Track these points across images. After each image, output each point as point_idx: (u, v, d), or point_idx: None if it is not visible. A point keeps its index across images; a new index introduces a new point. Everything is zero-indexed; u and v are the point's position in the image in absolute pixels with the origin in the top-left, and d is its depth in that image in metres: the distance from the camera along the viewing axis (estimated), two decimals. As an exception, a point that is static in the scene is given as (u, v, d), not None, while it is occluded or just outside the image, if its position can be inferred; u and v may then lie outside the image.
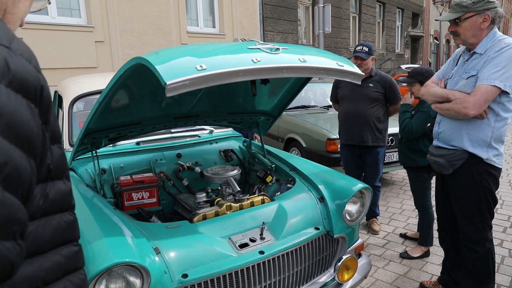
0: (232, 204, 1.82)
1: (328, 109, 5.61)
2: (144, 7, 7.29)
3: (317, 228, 1.85)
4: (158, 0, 7.52)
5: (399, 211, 3.97)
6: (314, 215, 1.89)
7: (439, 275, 2.50)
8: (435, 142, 2.14)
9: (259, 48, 1.32)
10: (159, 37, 7.49)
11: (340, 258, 1.85)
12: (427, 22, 21.67)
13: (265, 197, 1.93)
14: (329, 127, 4.61)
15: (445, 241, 2.37)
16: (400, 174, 5.42)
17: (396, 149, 4.49)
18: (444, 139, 2.05)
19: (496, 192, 2.04)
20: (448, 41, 25.56)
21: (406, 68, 13.98)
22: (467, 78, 1.92)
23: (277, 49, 1.35)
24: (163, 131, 2.59)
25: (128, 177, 2.14)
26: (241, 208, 1.84)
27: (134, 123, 2.00)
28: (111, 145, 2.34)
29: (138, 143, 2.43)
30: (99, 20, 6.68)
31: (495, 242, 3.11)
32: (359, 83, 1.61)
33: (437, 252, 2.96)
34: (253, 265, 1.59)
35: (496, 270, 2.71)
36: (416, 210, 3.89)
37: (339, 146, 4.19)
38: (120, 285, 1.31)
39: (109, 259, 1.27)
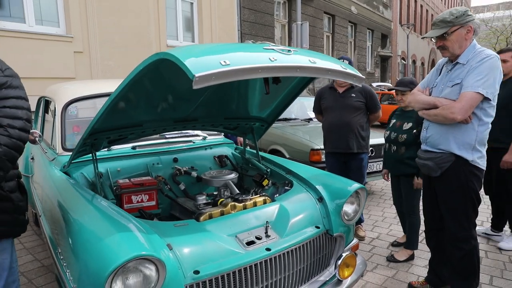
0: (236, 204, 1.85)
1: (309, 122, 5.76)
2: (125, 19, 7.28)
3: (317, 227, 1.91)
4: (138, 13, 7.53)
5: (381, 219, 4.10)
6: (314, 215, 1.96)
7: (426, 275, 2.61)
8: (423, 146, 2.28)
9: (273, 49, 1.40)
10: (139, 50, 7.46)
11: (340, 256, 1.91)
12: (395, 43, 22.81)
13: (266, 198, 1.98)
14: (312, 138, 4.74)
15: (432, 241, 2.49)
16: (379, 184, 5.62)
17: (378, 159, 4.69)
18: (432, 143, 2.19)
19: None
20: (414, 62, 26.94)
21: (377, 86, 14.61)
22: (452, 86, 2.08)
23: (289, 50, 1.44)
24: (158, 136, 2.60)
25: (127, 180, 2.13)
26: (244, 207, 1.87)
27: (136, 125, 2.01)
28: (106, 149, 2.33)
29: (134, 148, 2.42)
30: (78, 31, 6.59)
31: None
32: (360, 85, 1.71)
33: (421, 255, 3.09)
34: (261, 262, 1.61)
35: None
36: (397, 217, 4.07)
37: (322, 156, 4.33)
38: (138, 279, 1.30)
39: (125, 253, 1.26)
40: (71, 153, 2.29)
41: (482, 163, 2.12)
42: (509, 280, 2.74)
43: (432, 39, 2.19)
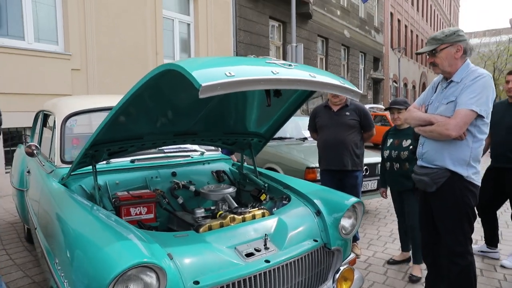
0: (236, 216, 1.87)
1: (303, 141, 5.82)
2: (122, 38, 7.40)
3: (315, 240, 1.92)
4: (136, 32, 7.66)
5: (376, 237, 4.11)
6: (312, 228, 1.97)
7: (422, 292, 2.61)
8: (419, 162, 2.33)
9: (275, 63, 1.45)
10: (135, 68, 7.56)
11: (338, 269, 1.92)
12: (387, 66, 23.36)
13: (265, 211, 1.99)
14: (307, 156, 4.78)
15: (428, 257, 2.50)
16: (373, 203, 5.64)
17: (372, 178, 4.74)
18: (428, 159, 2.24)
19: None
20: (405, 85, 27.51)
21: (370, 108, 14.85)
22: (447, 104, 2.15)
23: (290, 65, 1.50)
24: (156, 150, 2.62)
25: (126, 192, 2.14)
26: (243, 220, 1.88)
27: (137, 138, 2.04)
28: (105, 161, 2.34)
29: (132, 161, 2.43)
30: (77, 48, 6.68)
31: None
32: (357, 100, 1.77)
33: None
34: (260, 273, 1.62)
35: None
36: (393, 236, 4.08)
37: (318, 174, 4.36)
38: (138, 287, 1.30)
39: (126, 260, 1.26)
40: (69, 165, 2.30)
41: (477, 179, 2.17)
42: (505, 297, 2.75)
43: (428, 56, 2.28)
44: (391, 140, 3.16)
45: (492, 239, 3.47)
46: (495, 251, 3.46)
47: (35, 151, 2.56)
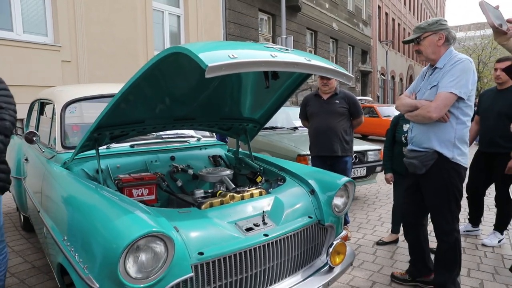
0: (235, 194, 1.97)
1: (294, 130, 5.95)
2: (113, 30, 7.38)
3: (310, 217, 2.04)
4: (126, 24, 7.64)
5: (366, 221, 4.27)
6: (307, 206, 2.09)
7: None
8: (409, 146, 2.47)
9: (273, 47, 1.55)
10: (126, 61, 7.56)
11: (332, 244, 2.04)
12: (375, 59, 23.62)
13: (262, 190, 2.10)
14: (298, 144, 4.90)
15: (409, 234, 2.66)
16: (362, 190, 5.82)
17: (361, 165, 4.90)
18: (417, 142, 2.37)
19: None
20: (393, 77, 27.84)
21: (358, 100, 15.03)
22: (430, 88, 2.29)
23: (287, 49, 1.59)
24: (155, 136, 2.70)
25: (127, 175, 2.22)
26: (242, 198, 1.99)
27: (138, 122, 2.12)
28: (105, 146, 2.41)
29: (132, 146, 2.51)
30: (66, 40, 6.65)
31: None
32: (349, 84, 1.88)
33: (404, 252, 3.25)
34: (259, 246, 1.73)
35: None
36: (381, 220, 4.25)
37: (309, 162, 4.50)
38: (149, 256, 1.39)
39: (137, 230, 1.35)
40: (70, 151, 2.37)
41: (464, 161, 2.31)
42: (485, 272, 2.93)
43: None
44: (407, 125, 3.14)
45: (476, 219, 3.68)
46: (477, 229, 3.71)
47: (34, 138, 2.61)
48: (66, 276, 2.00)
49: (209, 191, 2.38)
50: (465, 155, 2.31)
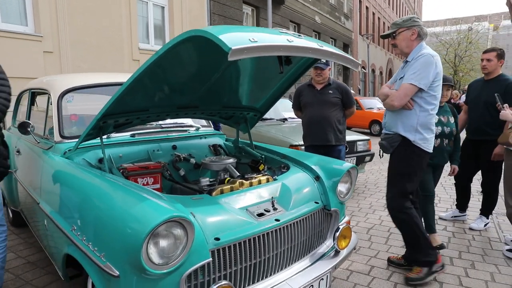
0: (244, 181, 1.98)
1: (284, 121, 5.99)
2: (96, 21, 7.17)
3: (316, 202, 2.08)
4: (110, 15, 7.44)
5: (358, 209, 4.37)
6: (313, 192, 2.12)
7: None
8: (383, 131, 2.67)
9: (287, 32, 1.56)
10: (110, 52, 7.37)
11: (338, 228, 2.09)
12: (356, 52, 23.91)
13: (269, 177, 2.12)
14: (289, 135, 4.95)
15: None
16: (351, 180, 5.92)
17: (352, 155, 5.00)
18: (388, 127, 2.59)
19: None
20: (373, 71, 28.29)
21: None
22: (400, 79, 2.50)
23: (300, 35, 1.61)
24: (155, 125, 2.67)
25: (131, 164, 2.19)
26: (251, 185, 2.00)
27: (143, 110, 2.09)
28: (105, 136, 2.37)
29: (133, 135, 2.47)
30: (48, 30, 6.42)
31: (440, 227, 3.63)
32: (357, 70, 1.91)
33: (399, 237, 3.34)
34: (272, 231, 1.75)
35: (446, 247, 3.17)
36: (373, 208, 4.36)
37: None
38: (170, 242, 1.39)
39: (159, 215, 1.34)
40: (69, 141, 2.32)
41: (425, 146, 2.47)
42: (475, 254, 3.07)
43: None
44: (437, 117, 3.03)
45: (463, 205, 3.82)
46: (464, 214, 3.87)
47: (29, 129, 2.54)
48: (69, 268, 1.97)
49: (211, 179, 2.38)
50: (426, 140, 2.47)
